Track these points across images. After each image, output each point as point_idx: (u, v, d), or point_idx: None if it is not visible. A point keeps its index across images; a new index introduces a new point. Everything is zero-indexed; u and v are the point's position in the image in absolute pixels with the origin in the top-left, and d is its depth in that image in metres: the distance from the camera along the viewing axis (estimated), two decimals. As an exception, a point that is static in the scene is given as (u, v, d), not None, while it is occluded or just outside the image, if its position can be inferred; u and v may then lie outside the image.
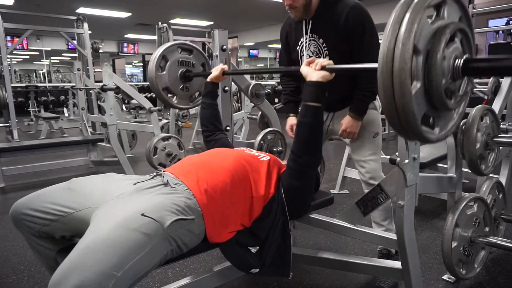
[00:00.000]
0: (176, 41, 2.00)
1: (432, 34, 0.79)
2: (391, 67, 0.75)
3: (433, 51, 0.78)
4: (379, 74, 0.77)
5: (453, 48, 0.81)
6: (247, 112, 4.39)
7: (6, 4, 7.77)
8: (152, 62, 1.88)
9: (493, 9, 4.62)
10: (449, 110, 0.86)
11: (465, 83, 0.85)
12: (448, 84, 0.81)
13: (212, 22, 10.86)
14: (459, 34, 0.83)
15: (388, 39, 0.75)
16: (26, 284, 1.76)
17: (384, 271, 1.47)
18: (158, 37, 5.96)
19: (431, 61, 0.78)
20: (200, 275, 1.37)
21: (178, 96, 1.99)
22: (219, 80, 1.70)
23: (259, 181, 1.26)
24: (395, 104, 0.76)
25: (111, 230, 0.89)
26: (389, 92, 0.76)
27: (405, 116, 0.77)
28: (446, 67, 0.79)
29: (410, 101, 0.75)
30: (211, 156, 1.31)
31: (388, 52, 0.75)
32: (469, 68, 0.81)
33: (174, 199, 1.04)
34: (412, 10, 0.75)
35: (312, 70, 1.20)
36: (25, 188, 3.36)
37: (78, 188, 1.12)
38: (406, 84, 0.74)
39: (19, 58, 18.34)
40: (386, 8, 8.19)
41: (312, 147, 1.21)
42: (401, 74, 0.74)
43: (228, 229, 1.17)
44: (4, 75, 5.43)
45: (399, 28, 0.74)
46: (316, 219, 1.60)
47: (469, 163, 1.58)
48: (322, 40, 1.62)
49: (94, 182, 1.16)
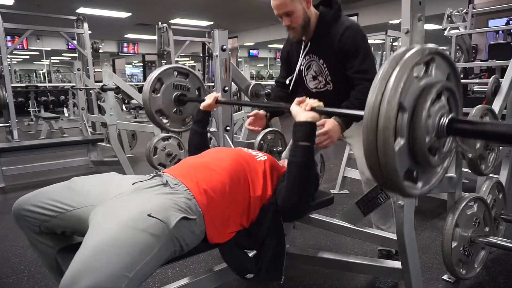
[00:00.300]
0: (173, 65, 2.01)
1: (419, 91, 0.79)
2: (376, 124, 0.75)
3: (418, 109, 0.78)
4: (363, 129, 0.78)
5: (439, 106, 0.81)
6: (247, 112, 4.39)
7: (6, 4, 7.77)
8: (147, 84, 1.88)
9: (493, 9, 4.62)
10: (432, 167, 0.86)
11: (449, 141, 0.86)
12: (433, 141, 0.81)
13: (212, 22, 10.86)
14: (446, 93, 0.84)
15: (374, 95, 0.76)
16: (26, 284, 1.76)
17: (384, 271, 1.47)
18: (158, 37, 5.97)
19: (416, 118, 0.78)
20: (200, 275, 1.37)
21: (171, 119, 1.99)
22: (212, 108, 1.68)
23: (256, 181, 1.26)
24: (378, 160, 0.77)
25: (119, 231, 0.90)
26: (372, 147, 0.77)
27: (387, 172, 0.78)
28: (431, 125, 0.80)
29: (392, 158, 0.76)
30: (209, 157, 1.32)
31: (374, 108, 0.76)
32: (454, 128, 0.81)
33: (175, 199, 1.05)
34: (400, 68, 0.76)
35: (301, 110, 1.20)
36: (25, 188, 3.35)
37: (78, 187, 1.13)
38: (390, 142, 0.75)
39: (19, 58, 18.34)
40: (386, 8, 8.19)
41: (302, 187, 1.19)
42: (385, 132, 0.74)
43: (228, 229, 1.18)
44: (4, 75, 5.43)
45: (386, 85, 0.75)
46: (316, 219, 1.60)
47: (469, 163, 1.58)
48: (322, 60, 1.64)
49: (94, 181, 1.17)
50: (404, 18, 1.15)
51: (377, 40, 9.23)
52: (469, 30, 4.36)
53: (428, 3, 1.20)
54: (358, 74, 1.54)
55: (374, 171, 0.80)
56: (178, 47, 6.62)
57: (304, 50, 1.67)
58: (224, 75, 1.92)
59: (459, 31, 4.44)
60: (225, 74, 1.93)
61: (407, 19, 1.13)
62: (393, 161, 0.76)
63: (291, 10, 1.52)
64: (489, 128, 0.78)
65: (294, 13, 1.53)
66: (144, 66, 16.75)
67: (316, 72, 1.69)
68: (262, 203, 1.25)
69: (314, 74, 1.71)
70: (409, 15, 1.13)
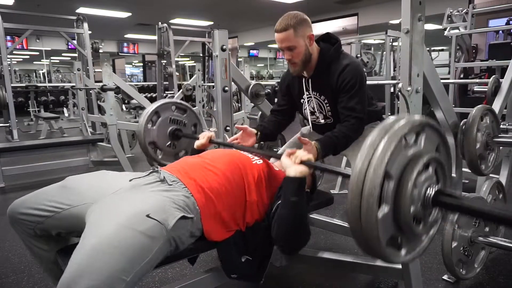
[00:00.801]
0: (172, 100, 2.02)
1: (406, 161, 0.80)
2: (361, 190, 0.76)
3: (404, 178, 0.79)
4: (349, 193, 0.78)
5: (426, 177, 0.81)
6: (247, 112, 4.39)
7: (6, 4, 7.76)
8: (144, 116, 1.89)
9: (493, 9, 4.62)
10: (416, 235, 0.86)
11: (435, 211, 0.85)
12: (418, 211, 0.81)
13: (212, 22, 10.85)
14: (433, 164, 0.84)
15: (361, 161, 0.76)
16: (26, 284, 1.76)
17: (384, 271, 1.47)
18: (158, 37, 5.97)
19: (401, 187, 0.78)
20: (200, 275, 1.37)
21: (164, 152, 1.98)
22: (205, 147, 1.67)
23: (251, 184, 1.26)
24: (360, 226, 0.77)
25: (116, 231, 0.89)
26: (356, 213, 0.77)
27: (369, 240, 0.77)
28: (417, 195, 0.80)
29: (375, 226, 0.75)
30: (207, 158, 1.31)
31: (360, 175, 0.76)
32: (439, 201, 0.81)
33: (173, 197, 1.04)
34: (388, 137, 0.76)
35: (291, 163, 1.20)
36: (25, 188, 3.35)
37: (73, 185, 1.12)
38: (373, 209, 0.75)
39: (19, 58, 18.33)
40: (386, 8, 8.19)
41: (292, 237, 1.18)
42: (369, 199, 0.74)
43: (226, 228, 1.18)
44: (4, 75, 5.43)
45: (373, 153, 0.75)
46: (316, 219, 1.60)
47: (469, 163, 1.58)
48: (323, 96, 1.65)
49: (89, 179, 1.17)
50: (404, 18, 1.15)
51: (377, 40, 9.22)
52: (469, 30, 4.36)
53: (428, 3, 1.20)
54: (346, 111, 1.55)
55: (357, 236, 0.80)
56: (178, 47, 6.62)
57: (307, 86, 1.67)
58: (224, 75, 1.92)
59: (459, 31, 4.43)
60: (225, 74, 1.93)
61: (407, 19, 1.14)
62: (375, 228, 0.75)
63: (293, 45, 1.52)
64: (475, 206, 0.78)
65: (296, 49, 1.53)
66: (144, 66, 16.74)
67: (313, 108, 1.71)
68: (259, 210, 1.25)
69: (311, 110, 1.72)
70: (409, 15, 1.13)
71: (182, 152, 2.03)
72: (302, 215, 1.18)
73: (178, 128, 1.97)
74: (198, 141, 1.67)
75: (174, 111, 1.98)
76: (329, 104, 1.65)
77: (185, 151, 2.04)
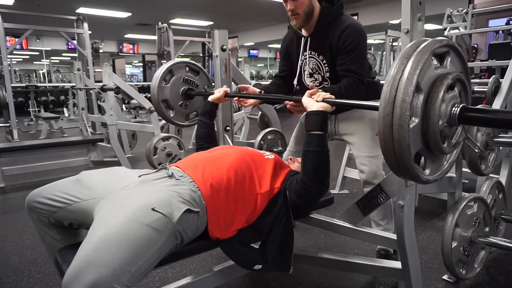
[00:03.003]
0: (185, 60, 2.06)
1: (434, 78, 0.84)
2: (394, 97, 0.78)
3: (434, 92, 0.82)
4: (381, 101, 0.81)
5: (452, 95, 0.85)
6: (247, 112, 4.39)
7: (6, 4, 7.76)
8: (158, 72, 1.93)
9: (493, 9, 4.62)
10: (441, 153, 0.89)
11: (458, 132, 0.89)
12: (444, 127, 0.84)
13: (212, 22, 10.85)
14: (458, 85, 0.88)
15: (395, 71, 0.80)
16: (26, 284, 1.76)
17: (384, 271, 1.47)
18: (158, 37, 5.97)
19: (431, 101, 0.82)
20: (200, 275, 1.37)
21: (176, 111, 2.03)
22: (220, 102, 1.72)
23: (263, 177, 1.27)
24: (392, 134, 0.79)
25: (123, 224, 0.91)
26: (388, 121, 0.79)
27: (399, 147, 0.79)
28: (444, 111, 0.83)
29: (406, 134, 0.78)
30: (216, 153, 1.33)
31: (394, 82, 0.79)
32: (465, 117, 0.84)
33: (179, 191, 1.06)
34: (420, 50, 0.81)
35: (313, 101, 1.24)
36: (25, 188, 3.35)
37: (86, 180, 1.16)
38: (406, 116, 0.77)
39: (19, 58, 18.33)
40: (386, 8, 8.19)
41: (320, 175, 1.22)
42: (402, 105, 0.77)
43: (232, 227, 1.18)
44: (4, 75, 5.43)
45: (406, 63, 0.79)
46: (316, 219, 1.60)
47: (469, 163, 1.58)
48: (322, 57, 1.64)
49: (101, 174, 1.20)
50: (404, 18, 1.15)
51: (377, 40, 9.22)
52: (469, 30, 4.36)
53: (428, 3, 1.20)
54: (346, 73, 1.55)
55: (387, 145, 0.82)
56: (178, 47, 6.62)
57: (305, 46, 1.67)
58: (224, 75, 1.93)
59: (459, 31, 4.44)
60: (225, 74, 1.93)
61: (407, 19, 1.14)
62: (407, 137, 0.78)
63: None
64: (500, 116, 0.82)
65: None
66: (144, 66, 16.75)
67: (312, 70, 1.70)
68: (270, 197, 1.26)
69: (310, 71, 1.71)
70: (409, 15, 1.13)
71: (193, 114, 2.06)
72: (326, 150, 1.21)
73: (190, 87, 2.00)
74: (213, 95, 1.70)
75: (187, 72, 2.01)
76: (327, 65, 1.64)
77: (196, 113, 2.08)
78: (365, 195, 1.45)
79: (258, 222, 1.24)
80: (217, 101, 1.70)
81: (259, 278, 1.73)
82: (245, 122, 4.44)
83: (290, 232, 1.27)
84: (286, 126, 2.10)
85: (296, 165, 1.54)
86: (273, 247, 1.24)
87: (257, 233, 1.24)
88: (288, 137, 2.09)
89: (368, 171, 1.70)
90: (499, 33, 6.26)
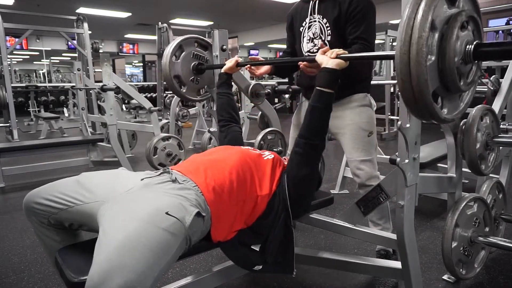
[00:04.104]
0: (194, 35, 2.08)
1: (447, 18, 0.85)
2: (410, 36, 0.80)
3: (448, 29, 0.84)
4: (397, 41, 0.83)
5: (466, 34, 0.86)
6: (247, 112, 4.38)
7: (6, 4, 7.76)
8: (169, 48, 1.95)
9: (493, 9, 4.62)
10: (458, 91, 0.91)
11: (474, 70, 0.90)
12: (459, 64, 0.85)
13: (212, 22, 10.85)
14: (471, 24, 0.89)
15: (410, 11, 0.81)
16: (26, 284, 1.76)
17: (384, 271, 1.47)
18: (158, 37, 5.96)
19: (446, 37, 0.83)
20: (200, 275, 1.37)
21: (187, 86, 2.06)
22: (233, 71, 1.77)
23: (263, 179, 1.27)
24: (409, 72, 0.81)
25: (141, 228, 0.90)
26: (405, 59, 0.81)
27: (417, 86, 0.81)
28: (459, 48, 0.84)
29: (424, 71, 0.80)
30: (217, 155, 1.32)
31: (409, 22, 0.81)
32: (480, 52, 0.86)
33: (185, 195, 1.05)
34: None
35: (327, 58, 1.25)
36: (25, 188, 3.35)
37: (87, 182, 1.14)
38: (423, 52, 0.79)
39: (19, 58, 18.33)
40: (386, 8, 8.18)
41: (323, 131, 1.26)
42: (419, 42, 0.79)
43: (232, 228, 1.18)
44: (4, 75, 5.43)
45: (420, 2, 0.81)
46: (316, 219, 1.60)
47: (469, 163, 1.58)
48: (325, 20, 1.64)
49: (103, 177, 1.18)
50: (405, 18, 1.14)
51: (377, 40, 9.23)
52: (469, 30, 4.36)
53: (428, 3, 1.19)
54: (357, 40, 1.56)
55: (405, 84, 0.84)
56: (178, 47, 6.61)
57: (312, 9, 1.68)
58: (224, 75, 1.92)
59: (459, 31, 4.43)
60: (225, 74, 1.92)
61: (408, 18, 1.13)
62: (424, 73, 0.80)
63: None
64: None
65: None
66: (144, 66, 16.74)
67: (314, 35, 1.70)
68: (269, 198, 1.26)
69: (311, 37, 1.71)
70: (409, 15, 1.12)
71: (203, 89, 2.08)
72: (331, 109, 1.25)
73: (201, 62, 2.02)
74: (225, 66, 1.75)
75: (197, 47, 2.04)
76: (330, 29, 1.64)
77: (208, 87, 2.11)
78: (365, 195, 1.45)
79: (257, 224, 1.23)
80: (230, 70, 1.75)
81: (259, 278, 1.73)
82: (245, 122, 4.43)
83: (289, 231, 1.27)
84: (286, 126, 2.10)
85: None
86: (272, 246, 1.23)
87: (257, 234, 1.24)
88: (288, 137, 2.09)
89: (363, 175, 1.70)
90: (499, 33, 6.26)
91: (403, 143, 1.21)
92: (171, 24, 6.06)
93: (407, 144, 1.20)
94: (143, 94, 6.13)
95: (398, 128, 1.17)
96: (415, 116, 0.97)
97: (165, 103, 6.29)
